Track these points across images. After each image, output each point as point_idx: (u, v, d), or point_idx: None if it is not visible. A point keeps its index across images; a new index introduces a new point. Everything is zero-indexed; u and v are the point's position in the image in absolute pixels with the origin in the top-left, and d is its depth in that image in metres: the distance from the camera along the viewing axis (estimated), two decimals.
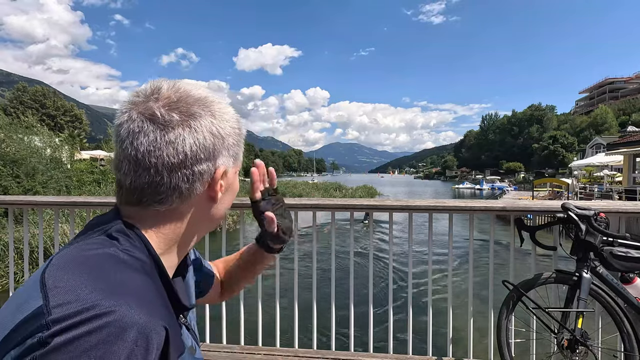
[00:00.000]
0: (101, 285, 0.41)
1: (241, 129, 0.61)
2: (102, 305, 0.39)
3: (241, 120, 0.62)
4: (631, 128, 29.15)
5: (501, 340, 1.76)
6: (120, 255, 0.48)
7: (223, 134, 0.56)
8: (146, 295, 0.44)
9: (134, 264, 0.48)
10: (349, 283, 2.12)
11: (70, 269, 0.43)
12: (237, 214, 2.08)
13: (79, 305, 0.38)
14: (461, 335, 2.17)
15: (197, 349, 0.64)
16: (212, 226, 0.65)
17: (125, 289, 0.42)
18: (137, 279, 0.46)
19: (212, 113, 0.55)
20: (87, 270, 0.43)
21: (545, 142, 76.30)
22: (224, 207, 0.63)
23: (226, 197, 0.62)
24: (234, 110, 0.61)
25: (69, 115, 55.14)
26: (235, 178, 0.64)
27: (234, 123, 0.59)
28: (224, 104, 0.59)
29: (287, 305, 2.31)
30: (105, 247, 0.48)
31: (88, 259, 0.45)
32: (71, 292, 0.40)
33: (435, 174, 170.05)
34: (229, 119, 0.58)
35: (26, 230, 2.25)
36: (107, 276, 0.43)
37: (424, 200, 2.03)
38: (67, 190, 13.07)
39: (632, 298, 1.63)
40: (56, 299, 0.39)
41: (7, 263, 6.46)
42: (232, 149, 0.59)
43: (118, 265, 0.46)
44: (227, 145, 0.58)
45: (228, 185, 0.61)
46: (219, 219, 0.64)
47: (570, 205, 1.70)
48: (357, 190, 38.53)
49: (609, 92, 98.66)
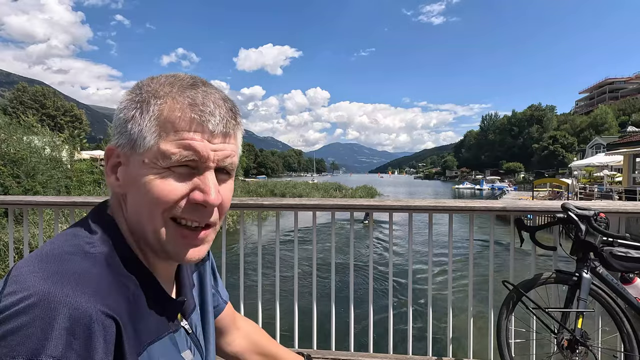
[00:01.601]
0: (49, 274, 0.41)
1: (148, 100, 0.49)
2: (38, 294, 0.39)
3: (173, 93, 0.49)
4: (631, 128, 29.15)
5: (501, 341, 1.76)
6: (84, 245, 0.47)
7: (117, 108, 0.52)
8: (96, 284, 0.43)
9: (96, 254, 0.46)
10: (349, 283, 2.12)
11: (34, 260, 0.44)
12: (237, 214, 2.09)
13: (20, 293, 0.39)
14: (461, 335, 2.17)
15: (197, 355, 0.60)
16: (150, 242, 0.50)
17: (72, 278, 0.41)
18: (91, 269, 0.44)
19: (133, 87, 0.53)
20: (44, 260, 0.44)
21: (545, 142, 76.32)
22: (133, 209, 0.50)
23: (132, 195, 0.50)
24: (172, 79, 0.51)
25: (69, 115, 55.14)
26: (145, 171, 0.48)
27: (125, 96, 0.51)
28: (157, 76, 0.53)
29: (287, 305, 2.31)
30: (74, 239, 0.48)
31: (52, 250, 0.46)
32: (20, 280, 0.41)
33: (435, 174, 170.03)
34: (137, 90, 0.51)
35: (26, 230, 2.25)
36: (59, 266, 0.43)
37: (424, 200, 2.03)
38: (67, 190, 13.07)
39: (632, 298, 1.63)
40: (8, 288, 0.41)
41: (7, 263, 6.46)
42: (124, 125, 0.49)
43: (77, 255, 0.45)
44: (117, 122, 0.51)
45: (128, 175, 0.50)
46: (138, 227, 0.50)
47: (570, 206, 1.70)
48: (357, 190, 38.54)
49: (609, 92, 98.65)
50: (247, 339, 0.86)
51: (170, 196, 0.48)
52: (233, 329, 0.84)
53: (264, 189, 31.53)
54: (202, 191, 0.49)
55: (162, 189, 0.48)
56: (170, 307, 0.55)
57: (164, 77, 0.52)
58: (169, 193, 0.48)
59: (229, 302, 0.84)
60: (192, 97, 0.49)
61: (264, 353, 0.86)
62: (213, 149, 0.49)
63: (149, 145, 0.48)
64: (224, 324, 0.82)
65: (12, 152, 11.70)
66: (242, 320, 0.89)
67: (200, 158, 0.48)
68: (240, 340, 0.85)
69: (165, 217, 0.49)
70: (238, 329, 0.86)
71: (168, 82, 0.50)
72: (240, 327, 0.87)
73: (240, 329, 0.86)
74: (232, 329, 0.84)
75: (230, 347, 0.83)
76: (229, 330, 0.83)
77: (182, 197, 0.49)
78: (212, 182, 0.50)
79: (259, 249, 2.18)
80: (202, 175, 0.49)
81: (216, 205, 0.51)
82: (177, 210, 0.49)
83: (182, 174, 0.49)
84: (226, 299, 0.83)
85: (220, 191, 0.51)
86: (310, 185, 41.57)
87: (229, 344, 0.83)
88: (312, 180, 59.88)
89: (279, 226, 2.26)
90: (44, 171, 12.16)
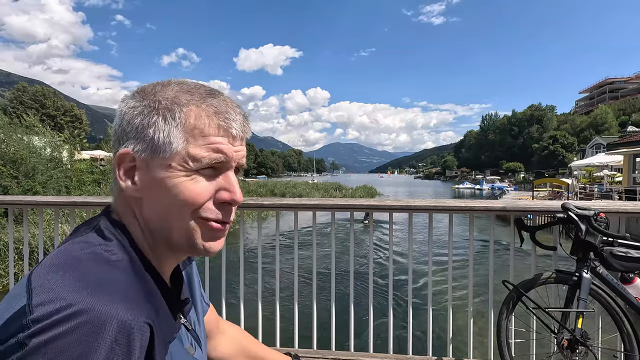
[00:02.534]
0: (82, 283, 0.42)
1: (173, 109, 0.51)
2: (80, 303, 0.39)
3: (194, 101, 0.52)
4: (631, 128, 29.15)
5: (501, 340, 1.76)
6: (104, 253, 0.47)
7: (122, 114, 0.53)
8: (129, 292, 0.44)
9: (119, 261, 0.48)
10: (349, 283, 2.12)
11: (55, 269, 0.44)
12: (237, 214, 2.09)
13: (58, 304, 0.39)
14: (461, 335, 2.17)
15: (198, 350, 0.62)
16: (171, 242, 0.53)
17: (106, 287, 0.42)
18: (120, 277, 0.45)
19: (138, 92, 0.54)
20: (70, 269, 0.44)
21: (545, 142, 76.33)
22: (156, 210, 0.52)
23: (155, 196, 0.51)
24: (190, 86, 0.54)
25: (69, 115, 55.16)
26: (171, 174, 0.50)
27: (134, 102, 0.52)
28: (168, 82, 0.54)
29: (287, 305, 2.31)
30: (93, 245, 0.48)
31: (72, 259, 0.46)
32: (52, 290, 0.41)
33: (435, 174, 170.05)
34: (152, 97, 0.52)
35: (26, 230, 2.25)
36: (88, 274, 0.43)
37: (424, 200, 2.03)
38: (66, 190, 13.07)
39: (632, 298, 1.63)
40: (38, 298, 0.40)
41: (7, 263, 6.46)
42: (143, 131, 0.51)
43: (101, 263, 0.46)
44: (137, 127, 0.51)
45: (151, 179, 0.51)
46: (161, 226, 0.52)
47: (570, 206, 1.70)
48: (357, 190, 38.54)
49: (609, 92, 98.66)
50: (232, 342, 0.86)
51: (201, 196, 0.51)
52: (217, 333, 0.85)
53: (264, 189, 31.53)
54: (227, 190, 0.53)
55: (192, 189, 0.51)
56: (178, 306, 0.57)
57: (174, 83, 0.54)
58: (199, 194, 0.51)
59: (211, 305, 0.84)
60: (215, 106, 0.53)
61: (250, 356, 0.86)
62: (235, 151, 0.54)
63: (176, 150, 0.50)
64: (208, 328, 0.82)
65: (11, 152, 11.70)
66: (225, 324, 0.90)
67: (226, 159, 0.53)
68: (225, 343, 0.85)
69: (194, 216, 0.52)
70: (223, 333, 0.86)
71: (184, 89, 0.53)
72: (224, 331, 0.87)
73: (224, 333, 0.87)
74: (216, 333, 0.84)
75: (216, 352, 0.83)
76: (213, 335, 0.84)
77: (210, 197, 0.52)
78: (235, 182, 0.55)
79: (259, 249, 2.18)
80: (224, 175, 0.54)
81: (240, 202, 0.55)
82: (205, 210, 0.52)
83: (208, 175, 0.52)
84: (208, 302, 0.83)
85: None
86: (310, 185, 41.58)
87: (214, 348, 0.83)
88: (312, 180, 59.89)
89: (279, 226, 2.26)
90: (43, 171, 12.15)
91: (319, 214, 2.10)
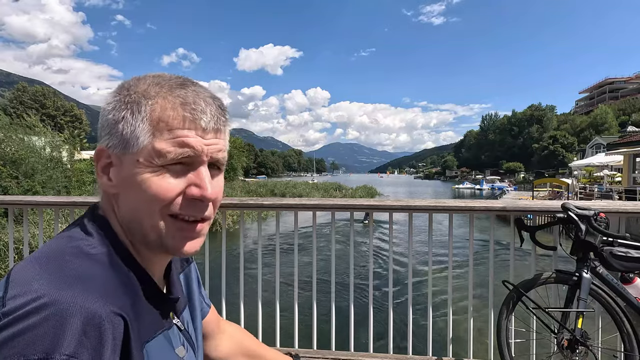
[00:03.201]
0: (55, 277, 0.42)
1: (140, 102, 0.49)
2: (48, 295, 0.39)
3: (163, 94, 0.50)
4: (631, 128, 29.15)
5: (501, 340, 1.76)
6: (84, 247, 0.48)
7: (102, 110, 0.52)
8: (101, 284, 0.44)
9: (99, 255, 0.48)
10: (349, 283, 2.12)
11: (34, 263, 0.44)
12: (237, 214, 2.09)
13: (27, 296, 0.39)
14: (461, 335, 2.17)
15: (190, 352, 0.61)
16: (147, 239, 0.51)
17: (79, 280, 0.42)
18: (94, 270, 0.45)
19: (116, 88, 0.53)
20: (47, 262, 0.44)
21: (545, 142, 76.34)
22: (129, 207, 0.51)
23: (128, 193, 0.50)
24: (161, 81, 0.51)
25: (69, 115, 55.15)
26: (140, 170, 0.49)
27: (128, 95, 0.50)
28: (143, 76, 0.53)
29: (287, 305, 2.31)
30: (72, 241, 0.48)
31: (53, 252, 0.46)
32: (24, 284, 0.41)
33: (435, 174, 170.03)
34: (124, 91, 0.51)
35: (26, 230, 2.25)
36: (64, 268, 0.43)
37: (424, 200, 2.03)
38: (66, 190, 13.06)
39: (632, 298, 1.63)
40: (12, 291, 0.40)
41: (7, 263, 6.46)
42: (115, 126, 0.50)
43: (78, 257, 0.46)
44: (109, 122, 0.50)
45: (123, 176, 0.50)
46: (135, 224, 0.51)
47: (570, 206, 1.70)
48: (357, 190, 38.54)
49: (609, 92, 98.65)
50: (232, 341, 0.86)
51: (168, 194, 0.49)
52: (218, 332, 0.85)
53: (264, 189, 31.54)
54: (198, 186, 0.51)
55: (159, 186, 0.49)
56: (165, 304, 0.56)
57: (150, 77, 0.52)
58: (166, 191, 0.49)
59: (212, 306, 0.84)
60: (183, 97, 0.50)
61: (251, 355, 0.86)
62: (206, 144, 0.51)
63: (142, 144, 0.48)
64: (209, 329, 0.82)
65: (11, 152, 11.69)
66: (226, 324, 0.90)
67: (195, 153, 0.50)
68: (226, 343, 0.85)
69: (163, 214, 0.50)
70: (223, 333, 0.86)
71: (155, 82, 0.51)
72: (224, 331, 0.87)
73: (225, 333, 0.87)
74: (217, 332, 0.85)
75: (217, 352, 0.83)
76: (214, 335, 0.84)
77: (179, 193, 0.50)
78: (207, 177, 0.51)
79: (259, 249, 2.18)
80: (196, 171, 0.51)
81: (212, 199, 0.52)
82: (175, 207, 0.50)
83: (177, 171, 0.50)
84: (209, 304, 0.83)
85: (213, 185, 0.53)
86: (310, 185, 41.57)
87: (214, 348, 0.83)
88: (312, 180, 59.89)
89: (279, 226, 2.26)
90: (43, 171, 12.15)
91: (319, 214, 2.11)
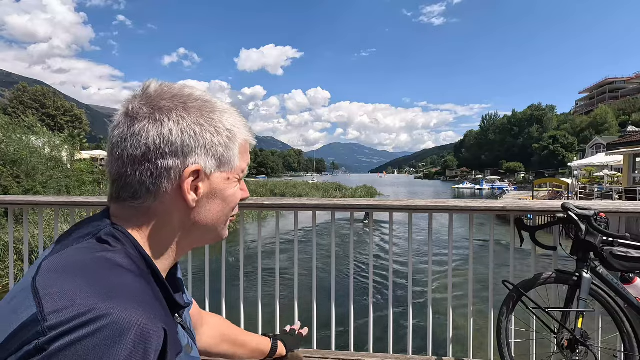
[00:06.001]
0: (96, 289, 0.41)
1: (234, 132, 0.58)
2: (98, 309, 0.39)
3: (241, 125, 0.60)
4: (631, 128, 29.14)
5: (501, 340, 1.76)
6: (114, 258, 0.47)
7: (197, 131, 0.53)
8: (143, 297, 0.44)
9: (129, 266, 0.48)
10: (349, 283, 2.12)
11: (63, 274, 0.43)
12: (237, 214, 2.08)
13: (75, 310, 0.38)
14: (461, 335, 2.17)
15: (194, 348, 0.63)
16: (206, 235, 0.60)
17: (121, 292, 0.42)
18: (133, 282, 0.45)
19: (187, 108, 0.53)
20: (80, 274, 0.43)
21: (545, 142, 76.35)
22: (212, 215, 0.58)
23: (213, 204, 0.58)
24: (236, 113, 0.60)
25: (69, 115, 55.14)
26: (228, 185, 0.59)
27: (220, 124, 0.56)
28: (216, 104, 0.57)
29: (287, 305, 2.31)
30: (98, 251, 0.48)
31: (81, 264, 0.45)
32: (66, 297, 0.40)
33: (435, 174, 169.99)
34: (215, 118, 0.56)
35: (26, 230, 2.25)
36: (101, 280, 0.43)
37: (424, 200, 2.03)
38: (67, 190, 13.07)
39: (632, 298, 1.63)
40: (50, 305, 0.39)
41: (7, 263, 6.46)
42: (212, 149, 0.55)
43: (112, 269, 0.46)
44: (205, 145, 0.54)
45: (212, 189, 0.57)
46: (210, 226, 0.59)
47: (570, 205, 1.70)
48: (357, 190, 38.55)
49: (609, 92, 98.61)
50: (214, 331, 0.92)
51: (238, 199, 0.62)
52: (201, 325, 0.90)
53: (264, 189, 31.55)
54: (244, 190, 0.64)
55: (237, 196, 0.62)
56: (177, 307, 0.58)
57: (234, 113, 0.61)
58: (238, 197, 0.62)
59: (193, 301, 0.88)
60: (247, 127, 0.62)
61: (232, 341, 0.93)
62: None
63: (235, 165, 0.59)
64: (193, 322, 0.86)
65: (11, 152, 11.70)
66: (208, 315, 0.95)
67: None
68: (208, 333, 0.91)
69: (229, 214, 0.62)
70: (205, 324, 0.91)
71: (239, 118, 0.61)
72: (207, 322, 0.92)
73: (207, 324, 0.92)
74: (200, 325, 0.90)
75: (201, 342, 0.88)
76: (197, 327, 0.88)
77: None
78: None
79: (259, 249, 2.18)
80: (241, 180, 0.63)
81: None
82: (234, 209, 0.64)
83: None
84: (191, 300, 0.86)
85: None
86: (310, 185, 41.57)
87: (199, 340, 0.88)
88: (312, 180, 59.89)
89: (279, 226, 2.26)
90: (43, 171, 12.15)
91: (319, 214, 2.11)
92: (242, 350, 0.94)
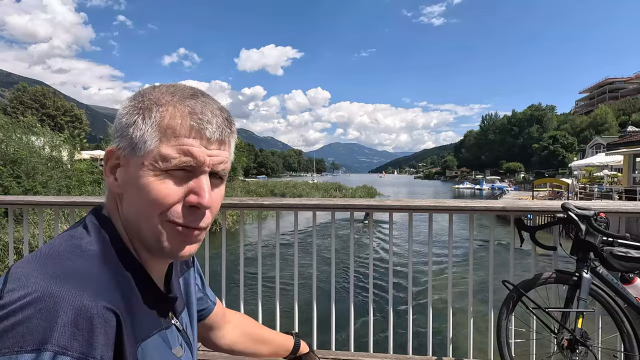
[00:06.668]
0: (49, 273, 0.44)
1: (151, 108, 0.52)
2: (40, 290, 0.41)
3: (173, 101, 0.52)
4: (631, 128, 29.14)
5: (501, 340, 1.76)
6: (81, 245, 0.49)
7: (124, 112, 0.54)
8: (94, 280, 0.46)
9: (92, 251, 0.49)
10: (349, 283, 2.12)
11: (32, 260, 0.47)
12: (237, 214, 2.09)
13: (23, 290, 0.42)
14: (461, 335, 2.17)
15: (187, 352, 0.63)
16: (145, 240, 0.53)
17: (72, 276, 0.44)
18: (89, 266, 0.47)
19: (135, 94, 0.56)
20: (44, 259, 0.46)
21: (545, 142, 76.37)
22: (131, 208, 0.52)
23: (130, 194, 0.52)
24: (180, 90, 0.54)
25: (69, 115, 55.16)
26: (143, 173, 0.50)
27: (127, 102, 0.54)
28: (151, 87, 0.56)
29: (287, 305, 2.31)
30: (72, 239, 0.50)
31: (51, 250, 0.48)
32: (22, 279, 0.43)
33: (435, 174, 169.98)
34: (144, 95, 0.54)
35: (26, 230, 2.25)
36: (58, 265, 0.46)
37: (424, 200, 2.03)
38: (67, 190, 13.07)
39: (632, 298, 1.63)
40: (9, 285, 0.43)
41: (7, 263, 6.46)
42: (127, 128, 0.52)
43: (74, 255, 0.48)
44: (122, 124, 0.53)
45: (127, 176, 0.52)
46: (136, 226, 0.52)
47: (570, 206, 1.70)
48: (357, 190, 38.55)
49: (609, 92, 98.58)
50: (237, 328, 0.93)
51: (167, 199, 0.51)
52: (224, 323, 0.91)
53: (264, 189, 31.55)
54: (196, 194, 0.52)
55: (159, 191, 0.50)
56: (164, 303, 0.58)
57: (165, 86, 0.55)
58: (166, 196, 0.51)
59: (217, 301, 0.89)
60: (191, 106, 0.52)
61: (255, 338, 0.94)
62: (209, 155, 0.52)
63: (149, 148, 0.50)
64: (216, 320, 0.88)
65: (11, 152, 11.70)
66: (231, 313, 0.96)
67: (197, 163, 0.51)
68: (231, 331, 0.92)
69: (162, 218, 0.52)
70: (229, 322, 0.92)
71: (169, 91, 0.54)
72: (230, 320, 0.93)
73: (230, 322, 0.93)
74: (223, 323, 0.91)
75: (224, 340, 0.90)
76: (221, 325, 0.90)
77: (179, 200, 0.52)
78: (206, 185, 0.53)
79: (259, 249, 2.18)
80: (197, 179, 0.52)
81: (209, 207, 0.53)
82: (173, 213, 0.52)
83: (179, 177, 0.52)
84: (214, 300, 0.88)
85: (212, 195, 0.54)
86: (310, 185, 41.57)
87: (222, 337, 0.90)
88: (312, 180, 59.89)
89: (279, 226, 2.26)
90: (43, 171, 12.16)
91: (319, 214, 2.11)
92: (267, 348, 0.95)
